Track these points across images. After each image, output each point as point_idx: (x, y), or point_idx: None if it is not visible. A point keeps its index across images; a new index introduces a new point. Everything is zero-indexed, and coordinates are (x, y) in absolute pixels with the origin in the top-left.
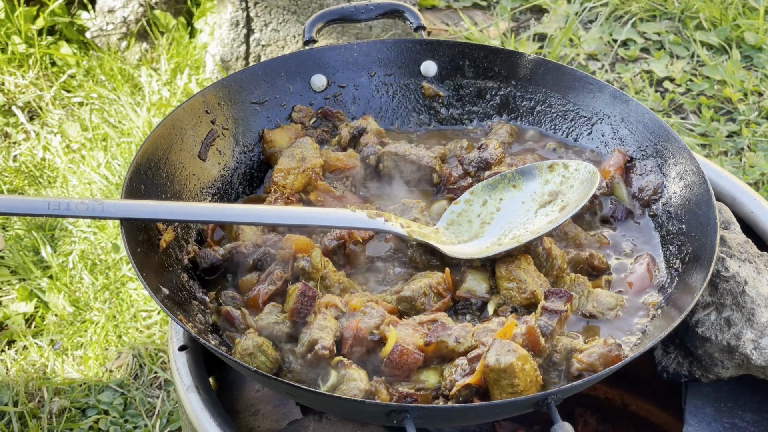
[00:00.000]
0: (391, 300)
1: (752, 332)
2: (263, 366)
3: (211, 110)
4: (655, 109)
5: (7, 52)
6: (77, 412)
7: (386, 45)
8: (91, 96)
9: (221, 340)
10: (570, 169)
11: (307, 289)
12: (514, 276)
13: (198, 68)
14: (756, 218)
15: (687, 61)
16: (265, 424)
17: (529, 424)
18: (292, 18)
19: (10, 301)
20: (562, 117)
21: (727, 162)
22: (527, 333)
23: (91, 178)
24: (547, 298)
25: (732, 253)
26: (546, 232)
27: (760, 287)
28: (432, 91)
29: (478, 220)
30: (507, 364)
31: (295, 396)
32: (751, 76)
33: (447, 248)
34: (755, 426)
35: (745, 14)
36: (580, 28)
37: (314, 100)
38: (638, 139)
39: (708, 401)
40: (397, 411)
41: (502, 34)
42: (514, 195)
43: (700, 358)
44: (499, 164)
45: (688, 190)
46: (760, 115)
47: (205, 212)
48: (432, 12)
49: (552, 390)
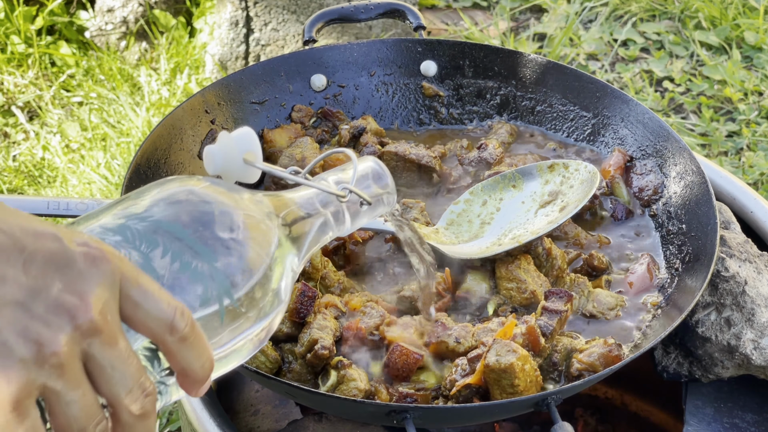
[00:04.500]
0: (391, 300)
1: (752, 332)
2: (263, 366)
3: (211, 110)
4: (655, 108)
5: (6, 52)
6: None
7: (386, 45)
8: (90, 96)
9: None
10: (570, 169)
11: (307, 289)
12: (514, 276)
13: (197, 68)
14: (756, 218)
15: (687, 60)
16: (265, 424)
17: (529, 425)
18: (292, 18)
19: None
20: (562, 117)
21: (727, 162)
22: (527, 333)
23: (90, 178)
24: (547, 298)
25: (732, 253)
26: (546, 232)
27: (760, 287)
28: (432, 90)
29: (478, 220)
30: (507, 364)
31: (295, 396)
32: (751, 76)
33: (447, 248)
34: (755, 426)
35: (745, 14)
36: (580, 28)
37: (314, 100)
38: (638, 138)
39: (708, 401)
40: (397, 411)
41: (502, 33)
42: (514, 195)
43: (700, 358)
44: (499, 164)
45: (688, 189)
46: (760, 114)
47: None
48: (432, 12)
49: (552, 390)
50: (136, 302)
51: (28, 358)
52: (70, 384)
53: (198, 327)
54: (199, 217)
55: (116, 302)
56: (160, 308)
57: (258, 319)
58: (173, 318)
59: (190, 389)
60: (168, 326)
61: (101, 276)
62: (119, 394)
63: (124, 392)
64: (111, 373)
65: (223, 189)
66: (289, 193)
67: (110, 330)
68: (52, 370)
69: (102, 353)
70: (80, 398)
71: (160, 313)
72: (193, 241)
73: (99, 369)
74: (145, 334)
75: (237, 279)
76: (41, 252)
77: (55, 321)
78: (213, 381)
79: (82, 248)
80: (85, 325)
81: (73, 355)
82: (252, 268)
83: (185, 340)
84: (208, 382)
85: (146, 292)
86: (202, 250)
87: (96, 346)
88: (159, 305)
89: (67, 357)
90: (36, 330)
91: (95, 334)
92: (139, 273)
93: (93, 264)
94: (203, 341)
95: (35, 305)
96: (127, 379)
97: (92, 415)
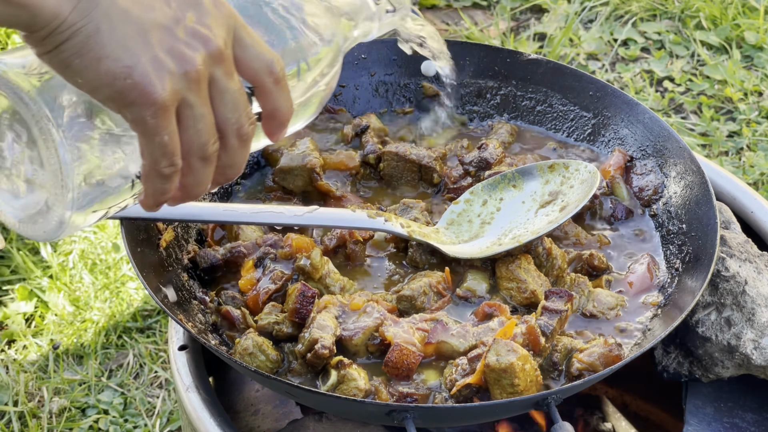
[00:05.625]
0: (391, 299)
1: (752, 332)
2: (263, 366)
3: None
4: (655, 108)
5: None
6: (77, 411)
7: (386, 44)
8: None
9: (221, 340)
10: (570, 169)
11: (307, 289)
12: (514, 276)
13: None
14: (756, 218)
15: (687, 60)
16: (265, 424)
17: (529, 424)
18: None
19: (10, 301)
20: (562, 117)
21: (727, 162)
22: (527, 333)
23: None
24: (547, 298)
25: (732, 253)
26: (546, 232)
27: (760, 287)
28: (432, 90)
29: (478, 219)
30: (507, 364)
31: (295, 396)
32: (752, 76)
33: (447, 248)
34: (756, 426)
35: (745, 14)
36: (580, 28)
37: None
38: (638, 138)
39: (708, 401)
40: (398, 411)
41: (502, 33)
42: (515, 195)
43: (701, 357)
44: (499, 164)
45: (689, 189)
46: (761, 114)
47: (204, 212)
48: (432, 11)
49: (552, 390)
50: (246, 45)
51: (175, 71)
52: (202, 99)
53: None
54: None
55: (231, 41)
56: (263, 53)
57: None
58: (272, 62)
59: (274, 130)
60: (268, 68)
61: (222, 16)
62: (231, 118)
63: (235, 116)
64: (228, 98)
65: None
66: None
67: (230, 61)
68: (192, 84)
69: (224, 79)
70: (206, 115)
71: (263, 56)
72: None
73: (220, 94)
74: (247, 73)
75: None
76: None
77: (193, 44)
78: (213, 380)
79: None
80: (215, 52)
81: (205, 75)
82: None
83: (279, 82)
84: (286, 129)
85: (252, 38)
86: (283, 17)
87: (220, 73)
88: (262, 50)
89: (202, 74)
90: (180, 49)
91: (220, 62)
92: (245, 23)
93: (216, 5)
94: (288, 88)
95: (178, 30)
96: (240, 106)
97: (212, 133)
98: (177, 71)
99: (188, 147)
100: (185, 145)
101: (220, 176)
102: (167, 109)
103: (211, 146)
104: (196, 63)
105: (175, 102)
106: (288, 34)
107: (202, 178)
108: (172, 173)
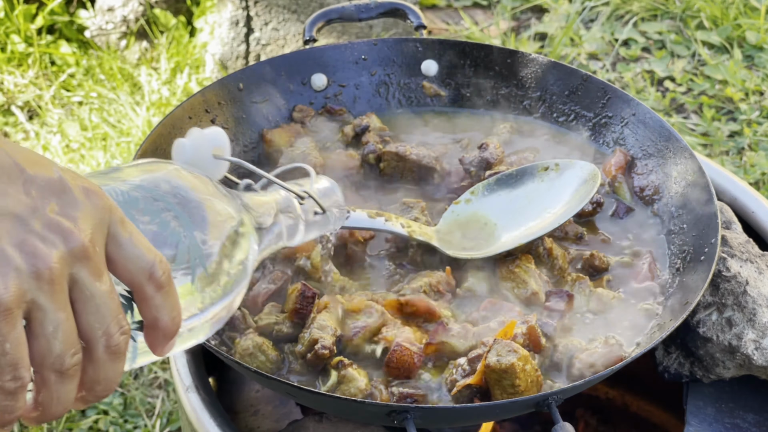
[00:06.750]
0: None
1: (754, 332)
2: (263, 366)
3: (211, 110)
4: (656, 108)
5: (6, 52)
6: (77, 412)
7: (387, 44)
8: (90, 95)
9: (221, 340)
10: (570, 169)
11: (307, 289)
12: (515, 276)
13: (198, 67)
14: (757, 218)
15: (688, 60)
16: (265, 425)
17: (529, 425)
18: (293, 17)
19: None
20: (563, 117)
21: (728, 161)
22: (528, 333)
23: None
24: (548, 298)
25: (733, 253)
26: (547, 231)
27: (761, 287)
28: (432, 90)
29: (478, 220)
30: (508, 365)
31: (295, 396)
32: (753, 76)
33: (447, 248)
34: (757, 426)
35: (746, 14)
36: (581, 28)
37: (314, 100)
38: (639, 138)
39: (709, 402)
40: (398, 411)
41: (503, 33)
42: (515, 195)
43: (702, 358)
44: (499, 164)
45: (690, 189)
46: (762, 114)
47: None
48: (432, 11)
49: (553, 390)
50: (121, 243)
51: (23, 268)
52: (57, 304)
53: (172, 280)
54: (176, 185)
55: (104, 238)
56: (142, 253)
57: (223, 294)
58: (153, 264)
59: (156, 343)
60: (147, 272)
61: (93, 209)
62: (97, 327)
63: (102, 325)
64: (93, 304)
65: (197, 172)
66: (255, 195)
67: (97, 261)
68: (44, 285)
69: (88, 281)
70: (63, 322)
71: (141, 257)
72: (171, 204)
73: (83, 297)
74: (123, 276)
75: (207, 245)
76: (41, 177)
77: (50, 238)
78: (213, 380)
79: (78, 182)
80: (77, 249)
81: (63, 275)
82: (221, 236)
83: (161, 288)
84: (172, 343)
85: (131, 235)
86: (178, 214)
87: (83, 273)
88: (141, 250)
89: (58, 275)
90: (32, 243)
91: (84, 261)
92: (125, 218)
93: (87, 196)
94: (176, 295)
95: (33, 221)
96: (108, 312)
97: (72, 343)
98: (25, 269)
99: (40, 358)
100: (36, 355)
101: (89, 393)
102: (9, 312)
103: (69, 358)
104: (49, 260)
105: (22, 304)
106: (184, 234)
107: (60, 395)
108: (16, 388)
